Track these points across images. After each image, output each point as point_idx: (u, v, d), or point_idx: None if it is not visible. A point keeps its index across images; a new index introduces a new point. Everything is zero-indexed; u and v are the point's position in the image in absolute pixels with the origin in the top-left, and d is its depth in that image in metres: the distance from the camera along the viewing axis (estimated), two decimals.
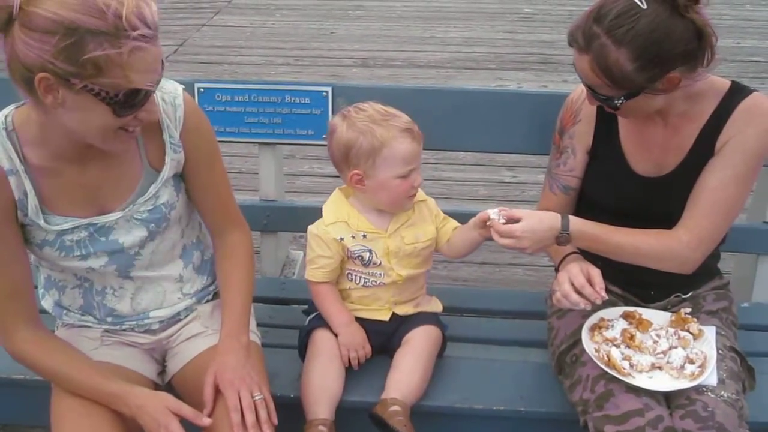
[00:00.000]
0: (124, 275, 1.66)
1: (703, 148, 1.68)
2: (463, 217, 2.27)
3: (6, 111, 1.51)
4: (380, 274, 1.85)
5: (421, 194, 1.87)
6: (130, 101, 1.36)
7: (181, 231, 1.72)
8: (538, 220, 1.64)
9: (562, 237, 1.65)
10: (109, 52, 1.29)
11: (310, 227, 1.86)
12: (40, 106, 1.37)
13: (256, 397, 1.57)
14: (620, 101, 1.58)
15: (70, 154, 1.50)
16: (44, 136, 1.47)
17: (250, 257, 1.77)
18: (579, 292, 1.61)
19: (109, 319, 1.71)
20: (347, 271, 1.87)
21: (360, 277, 1.87)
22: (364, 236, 1.82)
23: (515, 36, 5.97)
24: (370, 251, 1.82)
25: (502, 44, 5.80)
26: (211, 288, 1.82)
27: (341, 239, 1.82)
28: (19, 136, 1.48)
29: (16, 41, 1.29)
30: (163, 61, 1.40)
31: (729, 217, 1.69)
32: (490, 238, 1.70)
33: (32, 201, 1.51)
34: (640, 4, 1.49)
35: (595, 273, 1.62)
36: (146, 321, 1.73)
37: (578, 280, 1.61)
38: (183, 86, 1.63)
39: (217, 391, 1.59)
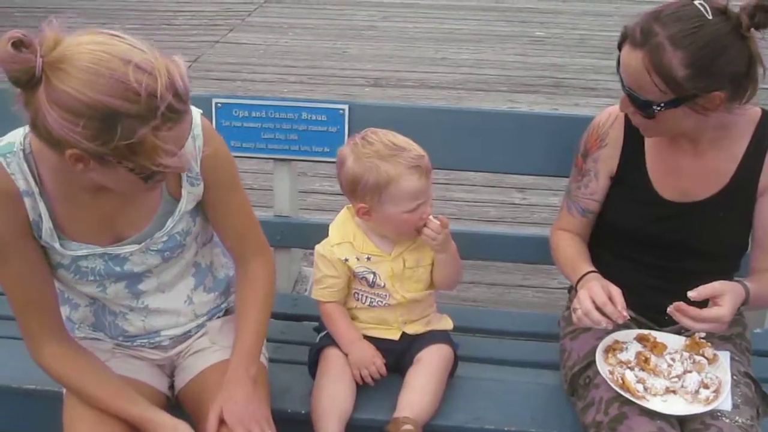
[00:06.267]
0: (135, 294, 1.66)
1: (743, 184, 1.70)
2: (472, 238, 2.29)
3: (24, 132, 1.46)
4: (385, 295, 1.85)
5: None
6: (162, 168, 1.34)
7: (196, 251, 1.71)
8: (735, 298, 1.58)
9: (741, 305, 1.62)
10: (145, 134, 1.25)
11: (317, 247, 1.86)
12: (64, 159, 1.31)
13: None
14: (659, 108, 1.55)
15: (88, 183, 1.47)
16: (61, 168, 1.44)
17: (271, 287, 1.76)
18: (600, 311, 1.59)
19: (120, 338, 1.72)
20: (354, 291, 1.87)
21: (366, 296, 1.87)
22: (369, 258, 1.82)
23: (527, 59, 5.99)
24: (374, 273, 1.82)
25: (513, 67, 5.82)
26: (223, 305, 1.82)
27: (346, 260, 1.82)
28: (36, 160, 1.46)
29: (43, 109, 1.24)
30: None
31: None
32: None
33: (47, 224, 1.49)
34: (705, 13, 1.49)
35: (616, 292, 1.60)
36: (157, 339, 1.73)
37: (600, 298, 1.59)
38: (201, 111, 1.58)
39: (221, 423, 1.58)
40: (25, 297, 1.54)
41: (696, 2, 1.51)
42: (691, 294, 1.55)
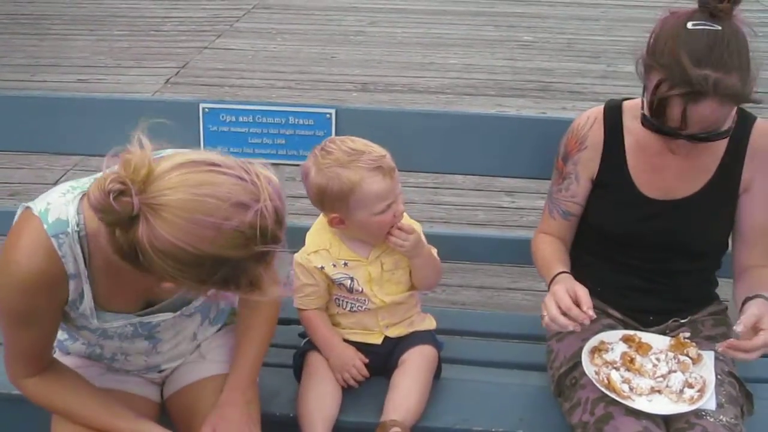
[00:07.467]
0: (153, 344, 1.65)
1: (726, 181, 1.73)
2: (461, 242, 2.30)
3: (75, 203, 1.37)
4: (365, 300, 1.85)
5: (407, 219, 1.83)
6: None
7: None
8: None
9: None
10: (255, 268, 1.22)
11: (295, 256, 1.85)
12: None
13: None
14: (734, 124, 1.60)
15: None
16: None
17: (275, 313, 1.75)
18: (566, 314, 1.59)
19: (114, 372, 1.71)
20: (334, 297, 1.88)
21: (347, 302, 1.87)
22: (345, 264, 1.82)
23: (514, 63, 6.02)
24: (352, 279, 1.82)
25: (501, 71, 5.85)
26: (221, 327, 1.82)
27: (322, 268, 1.82)
28: (89, 242, 1.38)
29: (142, 250, 1.17)
30: None
31: None
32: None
33: (88, 304, 1.46)
34: (713, 28, 1.51)
35: (582, 293, 1.60)
36: (156, 372, 1.74)
37: (564, 302, 1.59)
38: None
39: None
40: (25, 350, 1.50)
41: (699, 27, 1.52)
42: (738, 329, 1.56)
